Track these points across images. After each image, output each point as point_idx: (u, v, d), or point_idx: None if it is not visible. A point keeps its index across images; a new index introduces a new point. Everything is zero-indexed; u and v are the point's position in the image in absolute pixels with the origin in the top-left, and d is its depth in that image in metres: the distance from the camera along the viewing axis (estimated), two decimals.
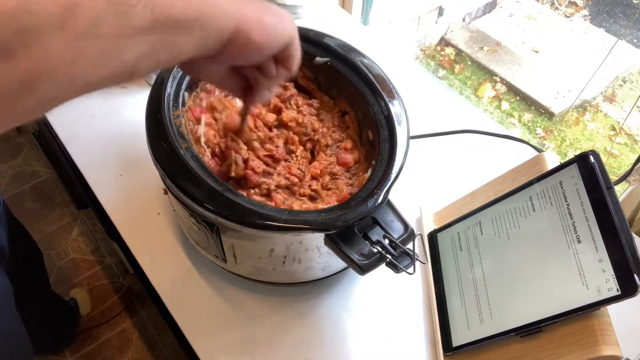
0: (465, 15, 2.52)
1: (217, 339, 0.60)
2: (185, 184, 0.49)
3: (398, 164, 0.53)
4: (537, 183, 0.55)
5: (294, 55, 0.41)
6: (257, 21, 0.34)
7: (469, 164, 0.78)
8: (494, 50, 2.44)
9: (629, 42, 2.40)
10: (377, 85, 0.60)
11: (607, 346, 0.44)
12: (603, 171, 0.49)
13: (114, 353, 1.41)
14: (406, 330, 0.62)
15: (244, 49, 0.34)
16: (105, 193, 0.71)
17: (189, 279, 0.64)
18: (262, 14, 0.35)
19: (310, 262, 0.57)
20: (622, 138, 2.17)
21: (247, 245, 0.54)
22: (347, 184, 0.58)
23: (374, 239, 0.49)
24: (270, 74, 0.41)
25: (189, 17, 0.29)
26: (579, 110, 2.25)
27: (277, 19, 0.37)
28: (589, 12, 2.60)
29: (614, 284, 0.44)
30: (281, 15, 0.38)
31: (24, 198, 1.74)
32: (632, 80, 2.36)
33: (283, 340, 0.60)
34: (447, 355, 0.57)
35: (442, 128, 0.81)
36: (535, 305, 0.50)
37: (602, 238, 0.46)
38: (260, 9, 0.35)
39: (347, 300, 0.64)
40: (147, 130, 0.53)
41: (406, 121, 0.58)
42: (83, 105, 0.82)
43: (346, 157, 0.60)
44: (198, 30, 0.30)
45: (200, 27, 0.30)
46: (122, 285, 1.54)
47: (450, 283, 0.61)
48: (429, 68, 2.39)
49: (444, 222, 0.67)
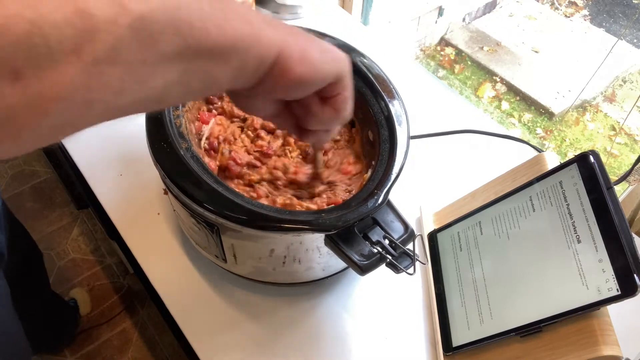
0: (465, 15, 2.52)
1: (217, 339, 0.60)
2: (185, 184, 0.49)
3: (398, 164, 0.53)
4: (537, 183, 0.55)
5: (343, 95, 0.37)
6: (300, 52, 0.31)
7: (469, 164, 0.78)
8: (494, 50, 2.44)
9: (629, 42, 2.40)
10: (377, 86, 0.60)
11: (607, 346, 0.44)
12: (603, 171, 0.49)
13: (114, 353, 1.41)
14: (406, 330, 0.62)
15: (282, 81, 0.31)
16: (105, 193, 0.71)
17: (189, 279, 0.64)
18: (309, 46, 0.32)
19: (311, 263, 0.57)
20: (622, 138, 2.17)
21: (247, 245, 0.54)
22: (345, 190, 0.58)
23: (374, 240, 0.49)
24: (315, 113, 0.38)
25: (226, 44, 0.26)
26: (579, 110, 2.25)
27: (325, 53, 0.34)
28: (589, 12, 2.60)
29: (614, 284, 0.44)
30: (331, 51, 0.35)
31: (24, 198, 1.74)
32: (632, 80, 2.36)
33: (283, 340, 0.60)
34: (447, 355, 0.57)
35: (442, 128, 0.81)
36: (535, 305, 0.50)
37: (602, 238, 0.46)
38: (308, 40, 0.32)
39: (347, 300, 0.64)
40: (147, 130, 0.53)
41: (406, 121, 0.58)
42: None
43: (349, 168, 0.60)
44: (235, 59, 0.28)
45: (238, 55, 0.28)
46: (122, 285, 1.54)
47: (450, 283, 0.61)
48: (429, 68, 2.39)
49: (444, 222, 0.67)
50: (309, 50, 0.32)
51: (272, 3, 0.97)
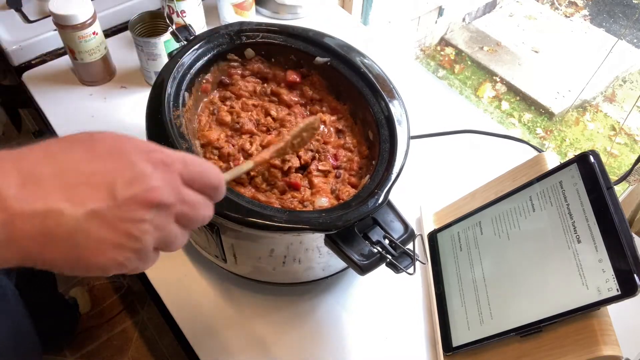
0: (465, 15, 2.52)
1: (217, 339, 0.60)
2: None
3: (398, 164, 0.53)
4: (537, 183, 0.55)
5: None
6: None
7: (469, 164, 0.78)
8: (494, 50, 2.43)
9: (629, 42, 2.40)
10: (378, 85, 0.60)
11: (607, 346, 0.44)
12: (603, 171, 0.49)
13: (114, 353, 1.41)
14: (406, 330, 0.62)
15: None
16: None
17: (189, 279, 0.64)
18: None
19: (311, 262, 0.57)
20: (622, 138, 2.17)
21: (247, 245, 0.54)
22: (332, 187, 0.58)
23: (374, 239, 0.49)
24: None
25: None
26: (579, 110, 2.25)
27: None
28: (589, 12, 2.60)
29: (614, 284, 0.44)
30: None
31: None
32: (632, 80, 2.36)
33: (283, 340, 0.60)
34: (447, 355, 0.57)
35: (442, 128, 0.81)
36: (535, 305, 0.50)
37: (602, 238, 0.46)
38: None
39: (347, 300, 0.64)
40: (147, 131, 0.53)
41: (406, 121, 0.58)
42: (83, 105, 0.82)
43: (355, 181, 0.59)
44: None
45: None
46: (122, 285, 1.54)
47: (450, 283, 0.61)
48: (429, 68, 2.39)
49: (444, 222, 0.67)
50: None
51: (272, 3, 0.97)
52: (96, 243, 0.28)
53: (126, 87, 0.85)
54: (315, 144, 0.60)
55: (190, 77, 0.60)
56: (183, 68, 0.59)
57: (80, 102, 0.82)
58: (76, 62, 0.81)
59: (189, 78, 0.60)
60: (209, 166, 0.34)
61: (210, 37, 0.63)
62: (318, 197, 0.55)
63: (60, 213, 0.27)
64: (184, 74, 0.59)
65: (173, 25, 0.71)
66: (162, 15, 0.80)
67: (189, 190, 0.32)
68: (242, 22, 0.66)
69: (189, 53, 0.60)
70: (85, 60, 0.80)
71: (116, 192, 0.28)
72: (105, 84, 0.85)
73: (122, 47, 0.90)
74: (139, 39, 0.78)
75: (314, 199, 0.55)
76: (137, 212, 0.29)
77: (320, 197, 0.55)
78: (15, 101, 1.10)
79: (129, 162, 0.29)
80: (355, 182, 0.58)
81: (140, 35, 0.79)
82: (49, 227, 0.27)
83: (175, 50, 0.61)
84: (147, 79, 0.85)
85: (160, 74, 0.58)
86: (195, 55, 0.61)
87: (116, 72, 0.87)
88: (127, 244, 0.29)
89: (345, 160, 0.60)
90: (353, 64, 0.62)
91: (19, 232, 0.27)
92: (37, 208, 0.27)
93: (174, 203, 0.31)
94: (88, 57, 0.80)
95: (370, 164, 0.58)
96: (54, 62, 0.88)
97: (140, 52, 0.80)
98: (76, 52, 0.79)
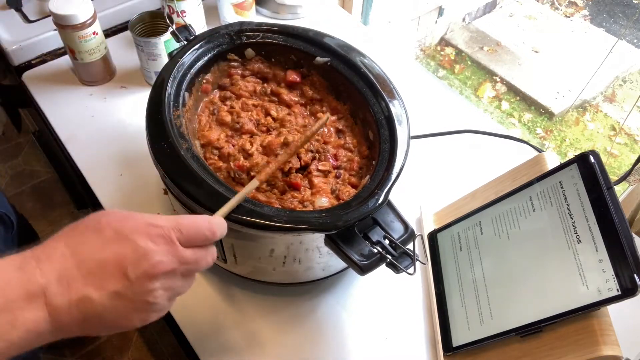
0: (465, 15, 2.52)
1: (217, 339, 0.60)
2: (185, 184, 0.49)
3: (399, 164, 0.53)
4: (537, 183, 0.55)
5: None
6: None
7: (469, 164, 0.78)
8: (494, 50, 2.43)
9: (629, 42, 2.40)
10: (378, 85, 0.60)
11: (607, 346, 0.44)
12: (603, 171, 0.49)
13: (114, 353, 1.41)
14: (406, 330, 0.62)
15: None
16: (105, 193, 0.71)
17: None
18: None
19: (311, 262, 0.57)
20: (622, 138, 2.17)
21: (247, 245, 0.54)
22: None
23: (374, 240, 0.49)
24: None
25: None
26: (579, 110, 2.25)
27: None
28: (589, 12, 2.60)
29: (614, 284, 0.44)
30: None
31: (24, 198, 1.74)
32: (632, 80, 2.35)
33: (283, 340, 0.60)
34: (447, 355, 0.57)
35: (442, 128, 0.81)
36: (535, 305, 0.50)
37: (602, 238, 0.46)
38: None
39: (347, 300, 0.64)
40: (147, 131, 0.54)
41: (407, 121, 0.58)
42: (83, 105, 0.82)
43: (355, 181, 0.59)
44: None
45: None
46: None
47: (450, 283, 0.61)
48: (429, 68, 2.39)
49: (444, 222, 0.67)
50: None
51: (272, 3, 0.97)
52: (123, 314, 0.36)
53: (126, 87, 0.85)
54: (315, 144, 0.60)
55: (191, 77, 0.60)
56: (183, 68, 0.59)
57: (80, 102, 0.82)
58: (76, 62, 0.81)
59: (189, 78, 0.60)
60: (200, 221, 0.40)
61: (210, 37, 0.63)
62: (318, 197, 0.55)
63: (90, 299, 0.34)
64: (184, 74, 0.59)
65: (173, 25, 0.71)
66: (162, 15, 0.80)
67: (188, 250, 0.38)
68: (242, 22, 0.66)
69: (189, 53, 0.60)
70: (85, 60, 0.80)
71: (128, 273, 0.35)
72: (106, 84, 0.85)
73: (122, 47, 0.90)
74: (139, 39, 0.78)
75: (314, 199, 0.55)
76: (149, 285, 0.36)
77: (321, 197, 0.55)
78: (15, 101, 1.10)
79: (133, 244, 0.36)
80: (356, 182, 0.58)
81: (141, 35, 0.79)
82: (85, 312, 0.35)
83: (176, 50, 0.61)
84: (147, 79, 0.85)
85: (160, 74, 0.58)
86: (196, 55, 0.61)
87: (116, 72, 0.87)
88: (147, 308, 0.37)
89: (345, 160, 0.60)
90: (353, 64, 0.62)
91: (65, 321, 0.34)
92: (72, 298, 0.34)
93: (177, 267, 0.38)
94: (88, 57, 0.80)
95: (371, 164, 0.58)
96: (54, 62, 0.88)
97: (141, 52, 0.80)
98: (76, 52, 0.79)
